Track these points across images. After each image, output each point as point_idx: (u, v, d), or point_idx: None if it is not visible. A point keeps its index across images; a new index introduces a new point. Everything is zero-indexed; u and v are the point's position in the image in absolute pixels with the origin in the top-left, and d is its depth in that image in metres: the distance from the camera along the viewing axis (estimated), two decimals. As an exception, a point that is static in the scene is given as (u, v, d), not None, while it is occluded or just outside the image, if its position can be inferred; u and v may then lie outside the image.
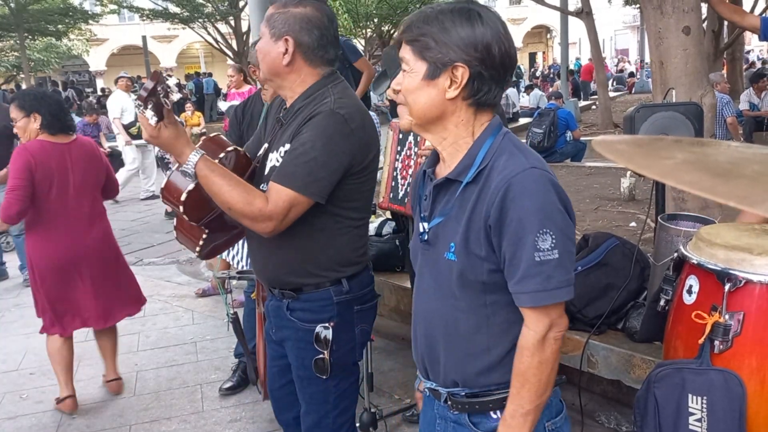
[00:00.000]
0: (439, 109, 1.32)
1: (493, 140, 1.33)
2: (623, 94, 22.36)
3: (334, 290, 1.91)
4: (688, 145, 0.85)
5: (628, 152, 0.77)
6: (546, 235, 1.23)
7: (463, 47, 1.27)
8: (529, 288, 1.26)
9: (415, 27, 1.31)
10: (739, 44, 15.65)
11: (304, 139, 1.75)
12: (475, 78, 1.29)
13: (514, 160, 1.28)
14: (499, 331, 1.35)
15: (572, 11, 13.78)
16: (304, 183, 1.72)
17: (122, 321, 4.08)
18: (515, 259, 1.26)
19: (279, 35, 1.79)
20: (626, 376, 2.50)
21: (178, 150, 1.69)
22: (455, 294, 1.35)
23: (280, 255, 1.89)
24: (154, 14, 21.86)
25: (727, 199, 0.58)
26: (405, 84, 1.33)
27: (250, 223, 1.73)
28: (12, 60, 25.62)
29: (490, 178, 1.29)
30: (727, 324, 1.62)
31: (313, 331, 1.90)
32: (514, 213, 1.23)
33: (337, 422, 2.02)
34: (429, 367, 1.47)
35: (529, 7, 35.76)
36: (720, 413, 1.61)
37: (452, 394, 1.42)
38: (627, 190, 5.93)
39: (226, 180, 1.69)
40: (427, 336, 1.45)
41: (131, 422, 3.29)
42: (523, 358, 1.31)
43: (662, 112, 2.76)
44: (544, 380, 1.31)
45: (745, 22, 3.76)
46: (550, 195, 1.25)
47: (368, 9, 19.80)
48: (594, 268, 2.66)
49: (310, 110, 1.79)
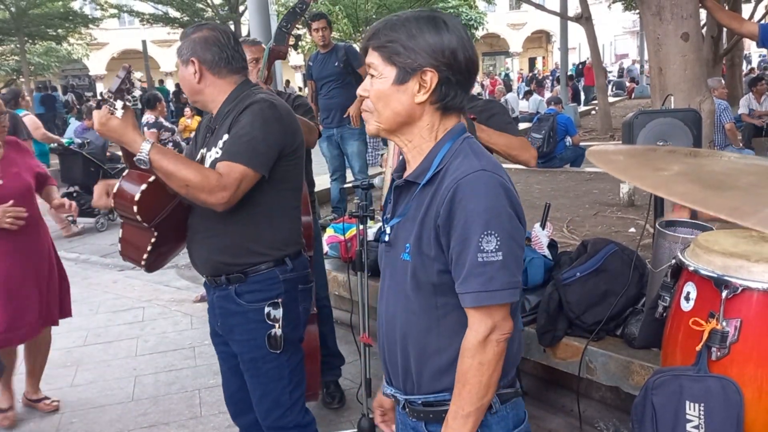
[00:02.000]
0: (408, 113, 1.35)
1: (452, 144, 1.36)
2: (623, 100, 22.38)
3: (280, 270, 2.08)
4: (682, 156, 0.85)
5: (622, 163, 0.77)
6: (491, 236, 1.24)
7: (430, 53, 1.30)
8: (471, 288, 1.26)
9: (383, 34, 1.33)
10: (738, 50, 15.65)
11: (243, 123, 1.95)
12: (443, 83, 1.32)
13: (466, 162, 1.30)
14: (449, 333, 1.36)
15: (572, 16, 13.79)
16: (248, 157, 1.91)
17: (120, 326, 4.08)
18: (460, 260, 1.27)
19: (186, 60, 2.04)
20: (625, 383, 2.50)
21: (128, 139, 1.83)
22: (408, 295, 1.37)
23: (225, 238, 2.04)
24: (154, 19, 21.91)
25: (718, 212, 0.59)
26: (374, 88, 1.36)
27: (206, 197, 1.86)
28: (12, 64, 25.62)
29: (443, 179, 1.31)
30: (724, 331, 1.62)
31: (263, 310, 2.06)
32: (461, 214, 1.25)
33: (293, 397, 2.17)
34: (390, 370, 1.49)
35: (528, 13, 35.79)
36: (717, 420, 1.61)
37: (409, 402, 1.44)
38: (626, 195, 5.93)
39: (179, 160, 1.87)
40: (387, 339, 1.47)
41: (129, 427, 3.28)
42: (465, 359, 1.31)
43: (661, 119, 2.77)
44: (485, 382, 1.30)
45: (743, 29, 3.77)
46: (498, 198, 1.27)
47: (368, 14, 19.86)
48: (593, 274, 2.66)
49: (242, 105, 2.00)
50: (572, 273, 2.69)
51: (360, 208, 2.63)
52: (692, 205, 0.55)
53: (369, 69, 1.36)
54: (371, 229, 3.57)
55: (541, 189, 7.19)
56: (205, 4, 20.78)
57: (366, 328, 2.71)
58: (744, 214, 0.52)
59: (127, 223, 2.06)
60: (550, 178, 7.93)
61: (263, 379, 2.12)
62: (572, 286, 2.65)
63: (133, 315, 4.93)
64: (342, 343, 3.51)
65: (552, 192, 6.86)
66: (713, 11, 3.81)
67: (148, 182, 1.91)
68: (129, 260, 2.11)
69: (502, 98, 15.66)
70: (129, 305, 5.14)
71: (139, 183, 1.92)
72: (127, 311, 5.00)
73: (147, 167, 1.84)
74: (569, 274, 2.69)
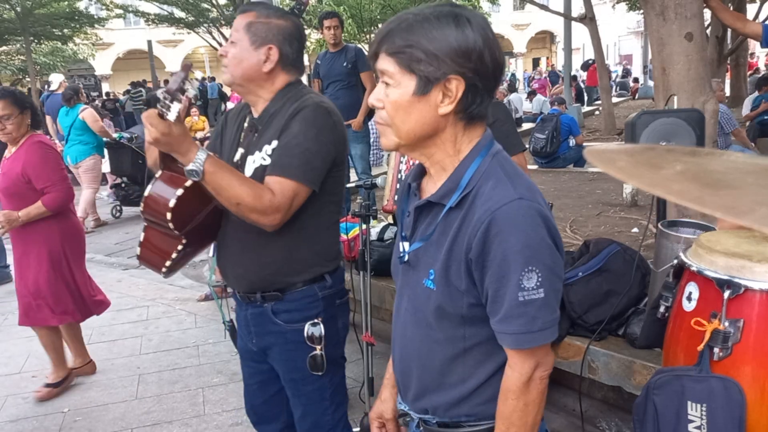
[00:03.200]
0: (432, 126, 1.19)
1: (481, 161, 1.21)
2: (626, 100, 22.34)
3: (318, 286, 1.95)
4: (681, 155, 0.85)
5: (620, 161, 0.77)
6: (531, 273, 1.14)
7: (455, 57, 1.14)
8: (512, 329, 1.17)
9: (398, 36, 1.16)
10: (743, 50, 15.62)
11: (295, 131, 1.79)
12: (469, 90, 1.17)
13: (501, 189, 1.16)
14: (474, 363, 1.28)
15: (576, 17, 13.77)
16: (302, 172, 1.77)
17: (124, 325, 4.16)
18: (498, 297, 1.16)
19: (262, 43, 1.85)
20: (627, 383, 2.50)
21: (185, 148, 1.62)
22: (431, 324, 1.28)
23: (266, 256, 1.89)
24: (160, 19, 21.94)
25: (714, 210, 0.59)
26: (391, 100, 1.19)
27: (257, 217, 1.72)
28: (18, 64, 25.71)
29: (474, 205, 1.18)
30: (726, 331, 1.61)
31: (302, 330, 1.92)
32: (498, 249, 1.13)
33: (335, 418, 2.06)
34: (402, 389, 1.42)
35: (532, 13, 35.74)
36: (720, 421, 1.61)
37: (424, 421, 1.38)
38: (629, 195, 5.92)
39: (235, 176, 1.70)
40: (401, 360, 1.39)
41: (133, 425, 3.29)
42: (508, 401, 1.21)
43: (664, 119, 2.76)
44: (530, 423, 1.22)
45: (747, 29, 3.76)
46: (538, 229, 1.15)
47: (372, 14, 19.84)
48: (595, 274, 2.66)
49: (291, 108, 1.84)
50: (574, 273, 2.69)
51: (363, 208, 2.63)
52: (688, 203, 0.55)
53: (383, 77, 1.19)
54: (374, 228, 3.58)
55: (545, 189, 7.18)
56: (210, 4, 20.80)
57: (369, 327, 2.72)
58: (740, 213, 0.52)
59: (152, 227, 1.87)
60: (553, 178, 7.92)
61: (304, 399, 2.01)
62: (574, 285, 2.65)
63: (137, 314, 4.95)
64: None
65: (555, 192, 6.85)
66: (717, 11, 3.80)
67: (185, 187, 1.72)
68: (148, 266, 1.93)
69: (506, 98, 15.64)
70: (133, 304, 5.16)
71: (174, 187, 1.74)
72: (131, 310, 5.02)
73: (197, 179, 1.64)
74: (571, 274, 2.69)
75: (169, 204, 1.71)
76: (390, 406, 1.51)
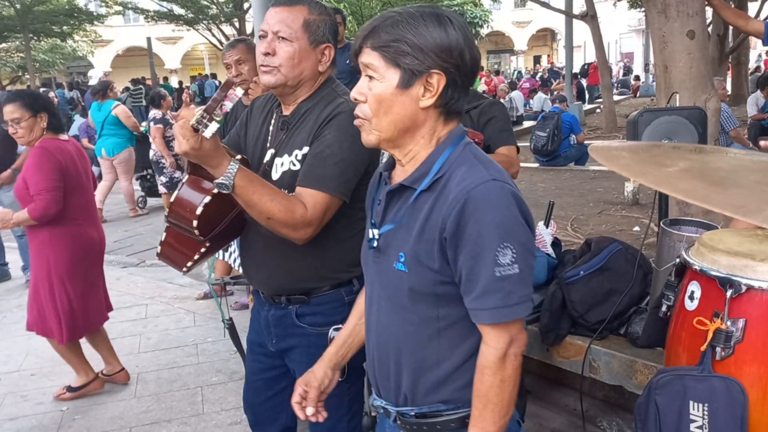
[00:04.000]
0: (412, 119, 1.26)
1: (453, 149, 1.28)
2: (628, 98, 22.32)
3: (345, 291, 1.90)
4: (686, 153, 0.84)
5: (625, 159, 0.76)
6: (506, 249, 1.19)
7: (439, 53, 1.21)
8: (489, 304, 1.21)
9: (384, 32, 1.23)
10: (744, 48, 15.61)
11: (330, 140, 1.73)
12: (449, 85, 1.24)
13: (474, 171, 1.23)
14: (449, 345, 1.31)
15: (577, 14, 13.74)
16: (337, 185, 1.71)
17: (123, 323, 4.13)
18: (473, 275, 1.21)
19: (319, 42, 1.80)
20: (628, 382, 2.49)
21: (216, 162, 1.56)
22: (406, 306, 1.31)
23: (292, 262, 1.85)
24: (159, 16, 21.96)
25: (723, 209, 0.58)
26: (374, 93, 1.25)
27: (288, 232, 1.68)
28: (17, 61, 25.72)
29: (447, 188, 1.23)
30: (728, 330, 1.60)
31: (326, 334, 1.85)
32: (473, 227, 1.19)
33: (350, 427, 2.00)
34: (380, 382, 1.43)
35: (534, 10, 35.70)
36: (721, 420, 1.60)
37: (401, 414, 1.39)
38: (631, 194, 5.91)
39: (266, 190, 1.64)
40: (378, 349, 1.41)
41: (131, 424, 3.29)
42: (485, 377, 1.25)
43: (665, 117, 2.75)
44: (507, 399, 1.26)
45: (749, 27, 3.74)
46: (511, 208, 1.21)
47: (372, 12, 19.87)
48: (596, 272, 2.64)
49: (324, 111, 1.78)
50: (576, 272, 2.67)
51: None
52: (696, 202, 0.54)
53: (367, 71, 1.26)
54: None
55: (546, 187, 7.18)
56: (209, 1, 20.79)
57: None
58: (749, 212, 0.51)
59: (174, 228, 1.84)
60: (554, 176, 7.91)
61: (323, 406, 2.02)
62: (576, 284, 2.64)
63: (136, 312, 4.94)
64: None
65: (556, 190, 6.84)
66: (719, 9, 3.79)
67: (213, 193, 1.69)
68: (168, 263, 1.93)
69: (507, 96, 15.62)
70: (132, 302, 5.15)
71: (201, 192, 1.71)
72: (130, 308, 5.01)
73: (227, 192, 1.59)
74: (573, 273, 2.67)
75: (196, 211, 1.69)
76: (319, 379, 1.60)
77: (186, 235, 1.80)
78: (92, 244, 3.43)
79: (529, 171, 8.31)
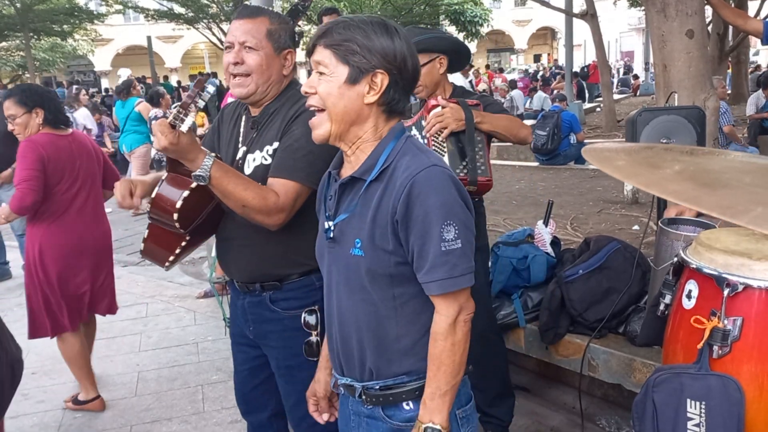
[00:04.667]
0: (357, 113, 1.40)
1: (396, 142, 1.42)
2: (628, 97, 22.30)
3: (316, 276, 1.98)
4: (678, 154, 0.85)
5: (617, 160, 0.77)
6: (450, 227, 1.32)
7: (384, 55, 1.36)
8: (437, 276, 1.34)
9: (337, 32, 1.37)
10: (744, 47, 15.59)
11: (298, 134, 1.86)
12: (392, 86, 1.38)
13: (418, 159, 1.37)
14: (406, 321, 1.43)
15: (577, 13, 13.73)
16: (306, 174, 1.83)
17: (124, 322, 4.10)
18: (423, 252, 1.34)
19: (282, 48, 1.93)
20: (627, 380, 2.50)
21: (192, 156, 1.70)
22: (365, 287, 1.42)
23: (267, 249, 1.96)
24: (159, 14, 21.93)
25: (710, 210, 0.59)
26: (323, 87, 1.39)
27: (262, 218, 1.80)
28: (17, 59, 25.71)
29: (394, 176, 1.37)
30: (725, 329, 1.61)
31: (299, 317, 1.99)
32: (420, 208, 1.32)
33: None
34: (344, 362, 1.53)
35: (534, 9, 35.64)
36: (718, 418, 1.61)
37: (366, 388, 1.49)
38: (630, 193, 5.92)
39: (240, 180, 1.77)
40: (341, 331, 1.51)
41: (132, 422, 3.30)
42: (437, 342, 1.38)
43: (664, 116, 2.76)
44: (458, 361, 1.39)
45: (748, 26, 3.74)
46: (451, 190, 1.35)
47: (372, 10, 19.83)
48: (595, 271, 2.66)
49: (291, 110, 1.92)
50: (575, 270, 2.68)
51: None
52: (685, 203, 0.54)
53: (318, 66, 1.39)
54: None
55: (545, 186, 7.18)
56: (209, 0, 20.76)
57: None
58: (737, 213, 0.52)
59: (156, 224, 1.96)
60: (553, 175, 7.92)
61: (299, 386, 2.01)
62: (575, 283, 2.65)
63: (136, 311, 4.95)
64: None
65: (556, 189, 6.85)
66: (718, 8, 3.79)
67: (191, 188, 1.82)
68: (151, 260, 2.06)
69: (507, 95, 15.60)
70: (132, 301, 5.16)
71: (180, 188, 1.84)
72: (130, 307, 5.01)
73: (205, 183, 1.72)
74: (572, 272, 2.69)
75: (176, 205, 1.81)
76: (323, 386, 1.71)
77: (167, 230, 1.93)
78: (81, 240, 3.31)
79: (528, 170, 8.32)
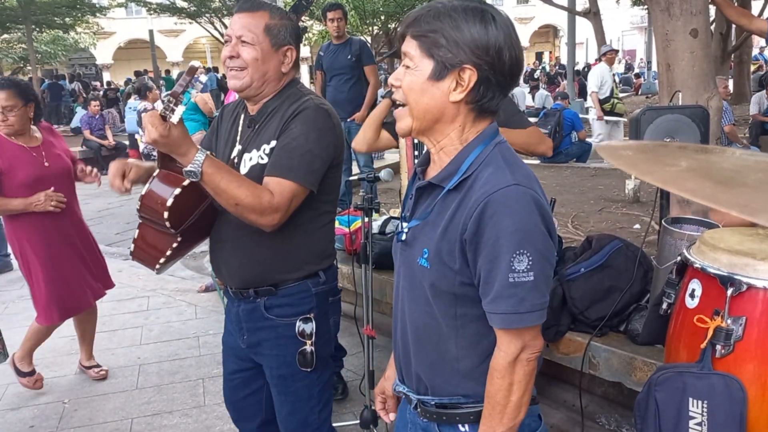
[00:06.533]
0: (440, 111, 1.26)
1: (483, 149, 1.27)
2: (630, 95, 22.28)
3: (312, 282, 1.96)
4: (692, 152, 0.85)
5: (632, 158, 0.77)
6: (522, 256, 1.18)
7: (474, 49, 1.21)
8: (500, 309, 1.21)
9: (424, 21, 1.23)
10: (747, 47, 15.57)
11: (296, 133, 1.80)
12: (482, 83, 1.23)
13: (499, 174, 1.22)
14: (467, 344, 1.32)
15: (580, 11, 13.74)
16: (303, 174, 1.78)
17: (125, 315, 4.09)
18: (489, 279, 1.21)
19: (281, 44, 1.87)
20: (627, 379, 2.50)
21: (184, 149, 1.64)
22: (428, 300, 1.32)
23: (260, 253, 1.90)
24: (161, 8, 21.86)
25: (729, 208, 0.59)
26: (406, 81, 1.27)
27: (256, 218, 1.73)
28: (19, 52, 25.64)
29: (472, 189, 1.23)
30: (729, 329, 1.61)
31: (294, 325, 1.94)
32: (492, 231, 1.18)
33: (321, 417, 2.06)
34: (403, 368, 1.46)
35: (536, 7, 35.59)
36: (721, 418, 1.61)
37: (422, 402, 1.40)
38: (631, 192, 5.92)
39: (233, 177, 1.70)
40: (402, 338, 1.43)
41: (133, 415, 3.30)
42: (494, 380, 1.27)
43: (668, 115, 2.76)
44: (516, 402, 1.26)
45: (752, 26, 3.74)
46: (531, 215, 1.19)
47: (375, 6, 19.77)
48: (597, 270, 2.66)
49: (291, 108, 1.85)
50: (576, 269, 2.68)
51: (365, 201, 2.62)
52: (702, 201, 0.55)
53: (404, 58, 1.27)
54: (376, 221, 3.57)
55: (546, 184, 7.18)
56: (212, -5, 20.72)
57: (370, 321, 2.72)
58: (754, 211, 0.52)
59: (147, 224, 1.86)
60: (555, 173, 7.92)
61: (291, 397, 2.00)
62: (576, 281, 2.65)
63: (137, 304, 4.95)
64: (346, 335, 3.52)
65: (557, 187, 6.85)
66: (723, 7, 3.79)
67: (182, 186, 1.72)
68: (141, 263, 1.94)
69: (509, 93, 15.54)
70: (134, 294, 5.16)
71: (171, 186, 1.74)
72: (131, 300, 5.02)
73: (196, 179, 1.65)
74: (573, 270, 2.69)
75: (166, 203, 1.71)
76: (392, 384, 1.57)
77: (158, 231, 1.83)
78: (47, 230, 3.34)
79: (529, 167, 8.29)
